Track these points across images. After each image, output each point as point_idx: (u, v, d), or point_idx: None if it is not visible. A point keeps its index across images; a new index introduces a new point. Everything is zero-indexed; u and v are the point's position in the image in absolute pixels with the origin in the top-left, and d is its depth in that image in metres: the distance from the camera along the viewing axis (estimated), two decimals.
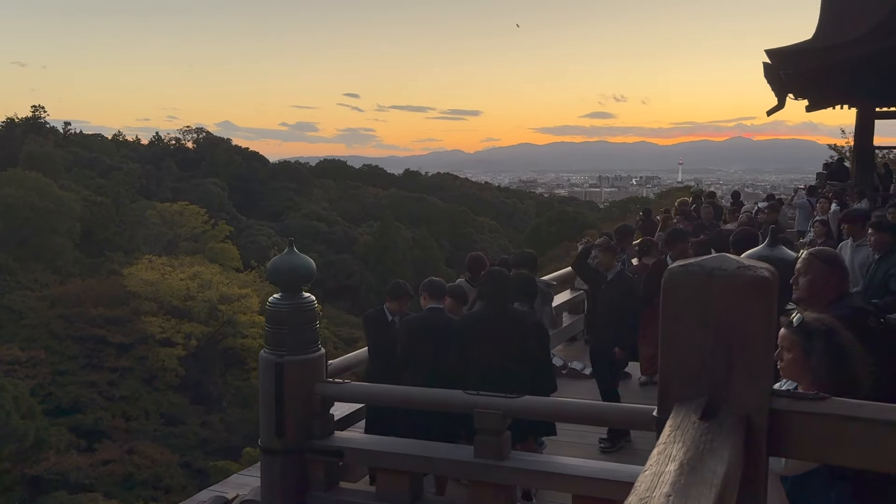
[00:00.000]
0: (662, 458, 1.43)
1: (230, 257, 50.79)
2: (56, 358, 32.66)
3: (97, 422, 30.43)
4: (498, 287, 5.38)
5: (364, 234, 69.09)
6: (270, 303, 5.18)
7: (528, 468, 4.34)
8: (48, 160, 58.01)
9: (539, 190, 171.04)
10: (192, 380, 35.40)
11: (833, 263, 3.61)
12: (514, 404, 4.47)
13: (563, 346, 10.13)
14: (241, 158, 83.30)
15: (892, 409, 1.78)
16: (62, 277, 43.01)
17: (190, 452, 30.41)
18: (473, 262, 7.64)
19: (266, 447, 4.99)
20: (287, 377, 4.98)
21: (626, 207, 54.89)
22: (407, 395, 4.93)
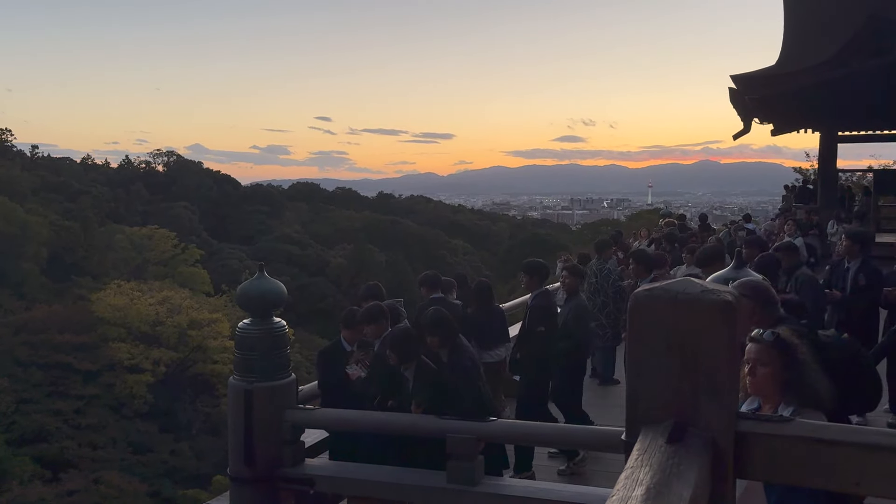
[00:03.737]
0: (629, 482, 1.44)
1: (200, 281, 50.21)
2: (20, 386, 31.83)
3: (63, 451, 29.64)
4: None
5: (337, 256, 68.78)
6: (240, 328, 5.12)
7: (501, 493, 4.32)
8: (14, 184, 56.95)
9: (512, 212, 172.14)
10: (161, 407, 34.69)
11: (753, 295, 3.71)
12: (487, 428, 4.45)
13: None
14: (213, 181, 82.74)
15: (856, 430, 1.81)
16: (27, 303, 42.06)
17: (159, 481, 29.74)
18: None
19: (235, 475, 4.90)
20: (256, 404, 4.91)
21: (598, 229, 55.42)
22: (378, 421, 4.89)
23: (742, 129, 17.63)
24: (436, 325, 5.44)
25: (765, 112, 17.08)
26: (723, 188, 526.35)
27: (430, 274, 7.82)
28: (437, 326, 5.44)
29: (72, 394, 32.35)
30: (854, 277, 7.47)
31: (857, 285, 7.41)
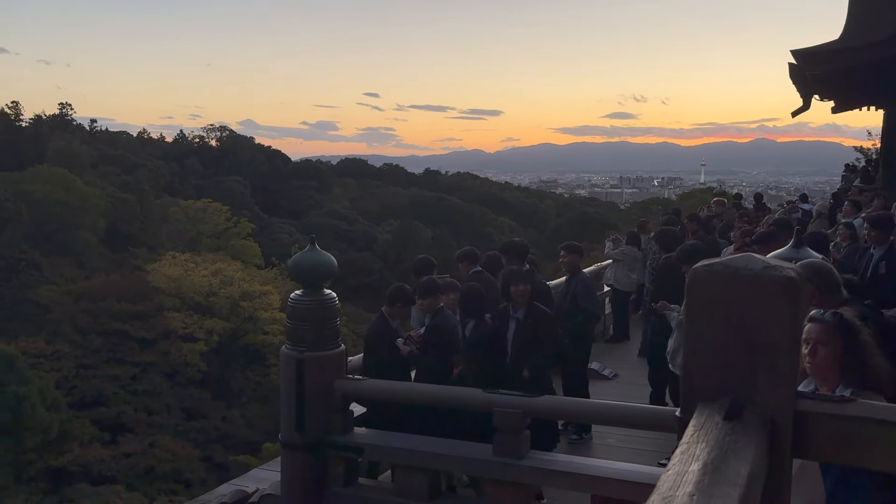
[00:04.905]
0: (686, 457, 1.43)
1: (252, 254, 51.22)
2: (80, 352, 33.14)
3: (120, 415, 30.83)
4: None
5: (384, 232, 69.30)
6: (292, 299, 5.21)
7: (547, 468, 4.33)
8: (74, 157, 58.90)
9: (559, 190, 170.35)
10: (213, 375, 35.72)
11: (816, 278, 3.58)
12: (534, 403, 4.46)
13: None
14: (264, 157, 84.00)
15: None
16: (87, 272, 43.65)
17: (210, 447, 30.71)
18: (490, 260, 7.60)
19: (286, 442, 5.02)
20: (307, 373, 5.00)
21: (648, 208, 54.49)
22: (426, 393, 4.93)
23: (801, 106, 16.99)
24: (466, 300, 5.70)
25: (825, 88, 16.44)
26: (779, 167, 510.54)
27: (467, 249, 7.83)
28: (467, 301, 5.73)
29: (129, 360, 33.54)
30: (875, 265, 7.11)
31: (877, 273, 7.05)
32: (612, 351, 9.86)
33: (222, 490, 5.60)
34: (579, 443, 6.66)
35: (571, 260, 7.53)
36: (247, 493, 5.27)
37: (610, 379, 8.52)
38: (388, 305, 5.87)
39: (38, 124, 72.93)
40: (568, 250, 7.64)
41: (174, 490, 26.43)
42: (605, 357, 9.20)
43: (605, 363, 8.83)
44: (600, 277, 11.46)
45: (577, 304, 7.04)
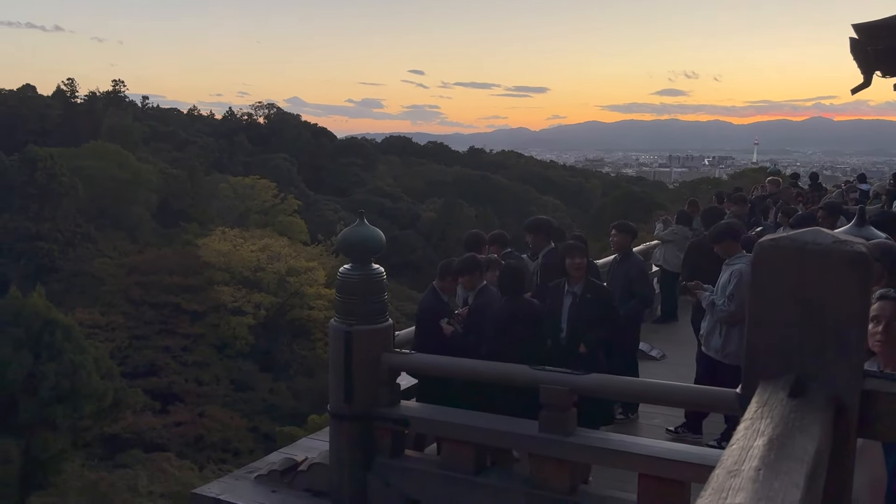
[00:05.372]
0: (750, 433, 1.40)
1: (298, 231, 51.90)
2: (133, 323, 34.20)
3: (171, 385, 31.78)
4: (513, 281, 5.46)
5: (428, 210, 69.43)
6: (341, 273, 5.28)
7: (593, 445, 4.32)
8: (127, 133, 60.34)
9: (606, 169, 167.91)
10: (260, 348, 36.52)
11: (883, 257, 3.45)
12: (581, 381, 4.44)
13: None
14: (310, 134, 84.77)
15: None
16: (140, 246, 44.86)
17: (258, 417, 31.47)
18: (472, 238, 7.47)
19: (335, 412, 5.11)
20: (356, 345, 5.08)
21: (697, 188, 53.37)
22: (473, 369, 4.96)
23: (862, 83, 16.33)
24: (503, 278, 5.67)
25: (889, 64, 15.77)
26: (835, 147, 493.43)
27: (497, 234, 7.72)
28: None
29: (179, 332, 34.49)
30: None
31: None
32: (659, 331, 9.75)
33: (272, 458, 5.74)
34: (625, 423, 6.62)
35: (622, 240, 7.37)
36: (296, 461, 5.39)
37: (658, 360, 8.43)
38: (439, 279, 5.89)
39: (93, 101, 74.86)
40: (619, 229, 7.47)
41: (223, 459, 27.20)
42: (652, 338, 9.10)
43: (652, 344, 8.74)
44: (648, 257, 11.30)
45: (632, 287, 6.87)
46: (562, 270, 5.86)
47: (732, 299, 6.00)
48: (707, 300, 6.24)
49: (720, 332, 6.11)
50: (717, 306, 6.08)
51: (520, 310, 5.29)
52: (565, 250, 5.75)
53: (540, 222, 7.28)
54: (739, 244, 6.52)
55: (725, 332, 6.07)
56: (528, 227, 7.26)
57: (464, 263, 5.87)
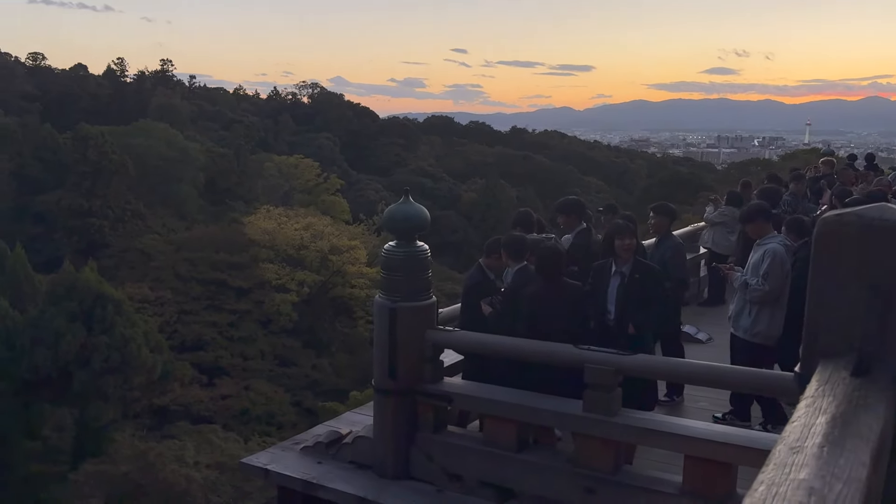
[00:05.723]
0: (811, 410, 1.37)
1: (340, 210, 52.36)
2: (181, 298, 35.05)
3: (217, 359, 32.55)
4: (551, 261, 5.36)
5: (469, 191, 69.29)
6: (386, 250, 5.31)
7: (638, 425, 4.29)
8: (175, 112, 61.50)
9: (652, 149, 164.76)
10: (303, 325, 37.11)
11: None
12: (626, 361, 4.40)
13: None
14: (353, 114, 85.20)
15: None
16: (187, 224, 45.84)
17: (301, 392, 32.06)
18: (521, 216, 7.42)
19: (379, 387, 5.17)
20: (400, 322, 5.11)
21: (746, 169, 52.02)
22: (516, 347, 4.95)
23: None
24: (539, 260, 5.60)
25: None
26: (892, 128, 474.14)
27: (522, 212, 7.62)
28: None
29: (226, 308, 35.25)
30: None
31: None
32: (706, 314, 9.59)
33: (318, 430, 5.84)
34: (670, 405, 6.54)
35: (661, 222, 7.28)
36: (340, 433, 5.48)
37: (704, 342, 8.30)
38: (486, 257, 5.88)
39: (142, 80, 76.43)
40: (657, 212, 7.39)
41: (267, 432, 27.81)
42: (699, 321, 8.96)
43: (699, 327, 8.60)
44: (696, 239, 11.09)
45: (667, 270, 6.80)
46: (606, 251, 5.79)
47: (767, 279, 5.97)
48: (739, 281, 6.20)
49: (749, 311, 6.11)
50: (750, 287, 6.06)
51: (556, 291, 5.22)
52: (614, 230, 5.67)
53: (571, 202, 7.22)
54: (770, 224, 6.46)
55: (756, 312, 6.07)
56: (560, 207, 7.23)
57: (504, 243, 5.85)
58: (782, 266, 6.06)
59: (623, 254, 5.54)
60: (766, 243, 6.19)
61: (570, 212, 7.03)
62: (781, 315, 6.09)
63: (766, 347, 6.04)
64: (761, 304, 6.03)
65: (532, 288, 5.28)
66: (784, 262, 6.09)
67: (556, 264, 5.28)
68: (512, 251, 5.70)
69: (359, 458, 5.27)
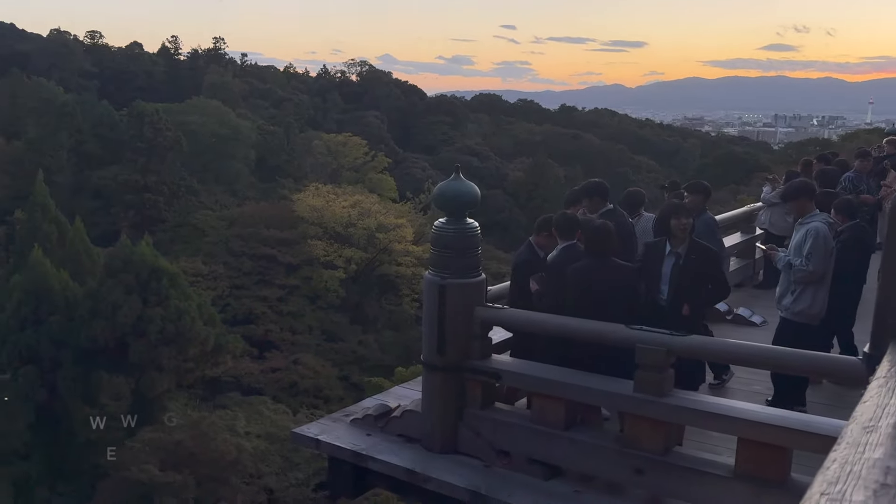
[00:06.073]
0: (885, 391, 1.33)
1: (388, 188, 52.66)
2: (233, 273, 35.88)
3: (267, 333, 33.28)
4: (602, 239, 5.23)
5: (516, 170, 68.84)
6: (436, 226, 5.32)
7: (691, 407, 4.23)
8: (227, 90, 62.49)
9: (706, 128, 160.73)
10: (350, 302, 37.63)
11: None
12: (680, 342, 4.34)
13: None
14: (400, 92, 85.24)
15: None
16: (239, 200, 46.77)
17: (347, 367, 32.60)
18: (630, 197, 7.44)
19: (427, 363, 5.21)
20: (449, 298, 5.13)
21: (804, 149, 50.43)
22: (564, 326, 4.92)
23: None
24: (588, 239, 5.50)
25: None
26: None
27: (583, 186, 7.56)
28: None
29: (276, 283, 35.96)
30: None
31: None
32: (761, 297, 9.36)
33: (367, 403, 5.94)
34: (719, 387, 6.44)
35: (695, 200, 7.15)
36: (389, 407, 5.55)
37: (758, 325, 8.13)
38: (536, 234, 5.85)
39: (195, 58, 77.79)
40: (691, 190, 7.27)
41: (315, 405, 28.41)
42: (754, 303, 8.78)
43: (753, 309, 8.42)
44: (752, 220, 10.81)
45: None
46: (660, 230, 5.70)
47: (811, 258, 5.89)
48: (783, 261, 6.12)
49: (792, 291, 6.06)
50: (794, 267, 6.00)
51: (605, 270, 5.14)
52: (670, 210, 5.56)
53: (593, 185, 7.11)
54: (813, 203, 6.34)
55: (799, 291, 6.02)
56: (582, 190, 7.12)
57: (555, 221, 5.78)
58: (825, 245, 5.95)
59: (679, 233, 5.44)
60: (808, 222, 6.11)
61: (592, 194, 6.93)
62: (824, 294, 6.02)
63: (808, 327, 5.96)
64: (807, 283, 5.97)
65: (579, 265, 5.22)
66: (827, 240, 5.99)
67: (605, 242, 5.21)
68: (562, 229, 5.64)
69: (407, 431, 5.34)
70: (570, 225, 5.66)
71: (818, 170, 9.92)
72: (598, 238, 5.20)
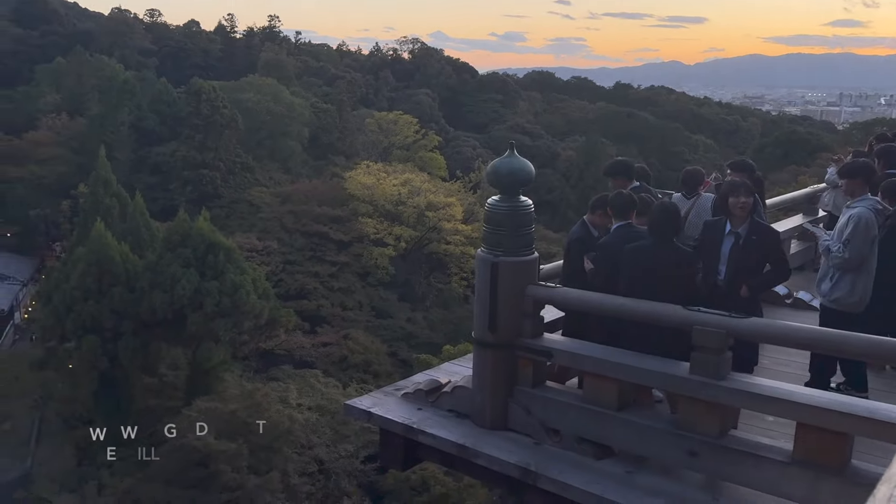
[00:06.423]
0: None
1: (437, 166, 52.70)
2: (286, 249, 36.56)
3: (319, 308, 33.88)
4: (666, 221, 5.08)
5: (567, 149, 68.03)
6: (489, 204, 5.29)
7: (748, 390, 4.13)
8: (282, 68, 63.17)
9: (766, 107, 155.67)
10: (399, 279, 37.96)
11: None
12: (738, 325, 4.23)
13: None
14: (452, 69, 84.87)
15: None
16: (292, 177, 47.49)
17: (396, 344, 32.98)
18: (689, 176, 7.27)
19: (479, 340, 5.21)
20: (501, 276, 5.10)
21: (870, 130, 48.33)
22: (621, 306, 4.84)
23: None
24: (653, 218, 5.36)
25: None
26: None
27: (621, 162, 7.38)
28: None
29: (327, 259, 36.52)
30: None
31: None
32: None
33: (417, 378, 5.98)
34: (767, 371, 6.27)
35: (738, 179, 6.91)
36: (440, 382, 5.58)
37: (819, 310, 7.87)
38: (590, 213, 5.77)
39: (250, 36, 78.83)
40: (734, 168, 7.02)
41: (364, 379, 28.85)
42: (814, 287, 8.49)
43: (813, 293, 8.15)
44: (815, 201, 10.45)
45: None
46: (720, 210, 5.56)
47: (847, 245, 5.62)
48: (824, 245, 5.88)
49: (831, 276, 5.81)
50: (832, 252, 5.74)
51: (667, 253, 5.02)
52: (729, 189, 5.41)
53: (617, 164, 6.98)
54: (867, 187, 5.99)
55: (837, 277, 5.76)
56: (606, 171, 6.99)
57: (614, 197, 5.68)
58: (867, 232, 5.62)
59: (738, 213, 5.30)
60: (855, 206, 5.81)
61: (616, 174, 6.79)
62: (865, 282, 5.71)
63: (847, 315, 5.65)
64: (844, 270, 5.70)
65: (640, 245, 5.12)
66: (870, 227, 5.64)
67: (672, 224, 5.10)
68: (618, 208, 5.54)
69: (457, 406, 5.36)
70: (625, 204, 5.56)
71: (878, 148, 9.45)
72: (663, 219, 5.09)
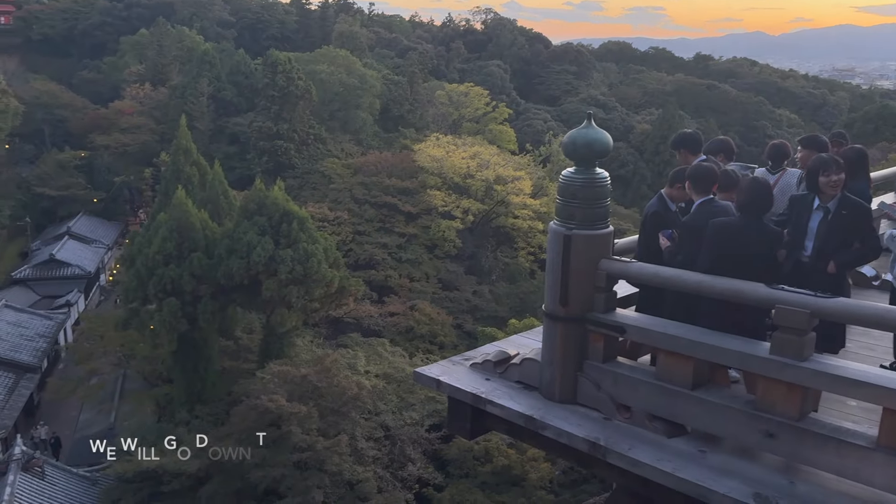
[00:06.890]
0: None
1: (507, 140, 52.21)
2: (356, 219, 37.08)
3: (386, 279, 34.32)
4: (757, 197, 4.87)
5: (643, 122, 66.23)
6: (564, 176, 5.21)
7: (833, 373, 3.97)
8: (355, 39, 63.54)
9: (857, 80, 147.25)
10: (466, 252, 38.01)
11: None
12: (824, 305, 4.06)
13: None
14: (525, 40, 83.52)
15: None
16: (363, 149, 47.93)
17: (462, 316, 33.14)
18: (775, 150, 6.97)
19: (549, 313, 5.18)
20: (574, 249, 5.04)
21: None
22: (700, 283, 4.71)
23: None
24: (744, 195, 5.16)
25: None
26: None
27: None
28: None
29: (395, 231, 36.87)
30: None
31: None
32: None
33: (486, 349, 6.01)
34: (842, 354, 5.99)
35: (809, 156, 6.54)
36: (509, 354, 5.60)
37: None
38: (668, 186, 5.63)
39: (325, 8, 79.50)
40: (805, 144, 6.65)
41: (429, 350, 29.19)
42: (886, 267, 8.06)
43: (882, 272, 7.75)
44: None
45: None
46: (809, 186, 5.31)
47: None
48: (888, 234, 5.77)
49: None
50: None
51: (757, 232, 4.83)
52: (819, 165, 5.16)
53: (683, 136, 6.69)
54: None
55: None
56: (672, 143, 6.72)
57: (693, 170, 5.50)
58: None
59: (829, 190, 5.06)
60: None
61: (680, 146, 6.53)
62: None
63: None
64: None
65: (728, 221, 4.94)
66: None
67: (765, 201, 4.91)
68: (697, 182, 5.36)
69: (526, 378, 5.37)
70: (706, 177, 5.37)
71: None
72: (755, 196, 4.89)
